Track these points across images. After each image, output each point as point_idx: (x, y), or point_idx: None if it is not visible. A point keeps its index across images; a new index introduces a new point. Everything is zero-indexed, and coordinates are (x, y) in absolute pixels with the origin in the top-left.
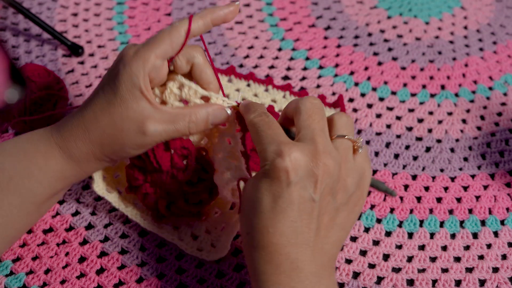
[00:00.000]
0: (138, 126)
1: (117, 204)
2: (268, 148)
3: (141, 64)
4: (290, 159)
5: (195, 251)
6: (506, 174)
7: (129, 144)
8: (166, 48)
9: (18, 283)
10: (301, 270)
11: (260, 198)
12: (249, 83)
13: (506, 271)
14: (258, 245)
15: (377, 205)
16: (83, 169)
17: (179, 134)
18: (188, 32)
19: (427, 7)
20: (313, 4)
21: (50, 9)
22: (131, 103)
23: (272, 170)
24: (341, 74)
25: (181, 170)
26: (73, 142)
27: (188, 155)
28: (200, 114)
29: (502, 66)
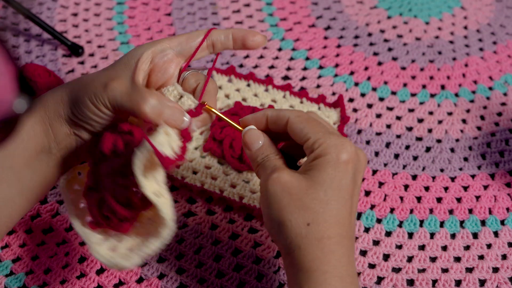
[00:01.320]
0: (106, 80)
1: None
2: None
3: (151, 43)
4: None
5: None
6: (506, 174)
7: (89, 92)
8: (181, 41)
9: (18, 283)
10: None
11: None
12: (249, 83)
13: (506, 271)
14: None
15: (377, 205)
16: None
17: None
18: (206, 34)
19: (427, 7)
20: (313, 4)
21: (50, 9)
22: (120, 67)
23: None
24: (341, 74)
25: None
26: (50, 92)
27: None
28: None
29: (502, 66)
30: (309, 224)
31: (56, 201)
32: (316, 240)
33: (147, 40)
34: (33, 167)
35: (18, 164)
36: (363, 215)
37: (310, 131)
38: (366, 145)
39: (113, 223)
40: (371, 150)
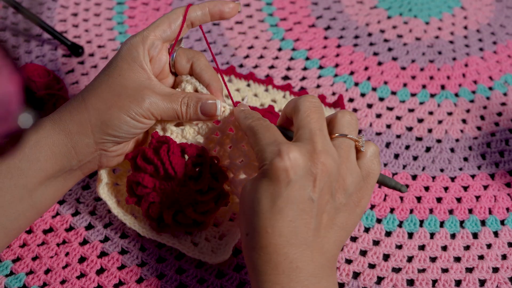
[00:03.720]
0: (135, 92)
1: (116, 211)
2: (266, 149)
3: (140, 40)
4: (289, 158)
5: (197, 253)
6: (506, 174)
7: (125, 110)
8: (164, 28)
9: (18, 283)
10: (300, 271)
11: (258, 198)
12: (249, 83)
13: (506, 271)
14: (257, 245)
15: (377, 205)
16: (73, 142)
17: (172, 112)
18: (185, 14)
19: (427, 7)
20: (313, 4)
21: (50, 9)
22: (130, 74)
23: (271, 170)
24: (341, 74)
25: (193, 179)
26: (67, 113)
27: (203, 164)
28: (192, 97)
29: (502, 66)
30: (247, 234)
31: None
32: (252, 249)
33: None
34: (47, 183)
35: (32, 183)
36: (363, 215)
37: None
38: None
39: (190, 228)
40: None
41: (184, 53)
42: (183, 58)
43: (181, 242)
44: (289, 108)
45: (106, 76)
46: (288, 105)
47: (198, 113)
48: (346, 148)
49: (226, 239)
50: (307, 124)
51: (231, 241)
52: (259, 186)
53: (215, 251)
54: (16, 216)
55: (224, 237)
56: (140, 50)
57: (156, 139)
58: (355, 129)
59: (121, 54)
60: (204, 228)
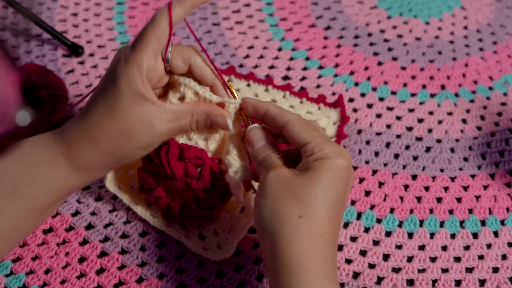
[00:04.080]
0: (145, 127)
1: (128, 201)
2: (328, 145)
3: (136, 69)
4: (348, 160)
5: (201, 249)
6: (506, 174)
7: (139, 146)
8: (154, 46)
9: (18, 283)
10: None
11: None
12: (249, 83)
13: (506, 271)
14: (314, 231)
15: (377, 205)
16: (90, 176)
17: (182, 131)
18: (170, 24)
19: (427, 7)
20: (313, 4)
21: (50, 9)
22: (135, 108)
23: (337, 165)
24: (341, 74)
25: (194, 179)
26: (79, 152)
27: (202, 165)
28: (201, 113)
29: (502, 66)
30: (301, 217)
31: None
32: (306, 234)
33: None
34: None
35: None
36: (363, 215)
37: (310, 136)
38: (366, 145)
39: (196, 221)
40: (371, 150)
41: (178, 53)
42: (178, 60)
43: (188, 235)
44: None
45: (108, 111)
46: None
47: (208, 127)
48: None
49: (232, 234)
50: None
51: (238, 236)
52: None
53: (221, 246)
54: (25, 232)
55: (232, 231)
56: (139, 81)
57: None
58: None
59: (120, 88)
60: (214, 221)
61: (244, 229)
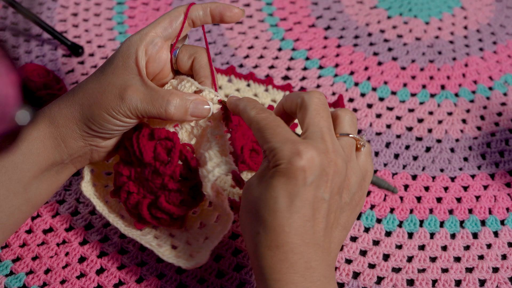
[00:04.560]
0: (119, 90)
1: (101, 209)
2: (282, 147)
3: (139, 37)
4: (307, 158)
5: (172, 257)
6: (506, 174)
7: (106, 107)
8: (165, 25)
9: (18, 283)
10: (314, 270)
11: (275, 197)
12: (249, 83)
13: (506, 271)
14: (272, 244)
15: (377, 205)
16: (62, 135)
17: (155, 111)
18: (187, 12)
19: (427, 7)
20: (313, 4)
21: (50, 9)
22: (122, 71)
23: (289, 169)
24: (341, 74)
25: (163, 164)
26: (56, 106)
27: (172, 148)
28: (181, 98)
29: (502, 66)
30: (258, 233)
31: (56, 201)
32: (266, 248)
33: None
34: (41, 177)
35: (26, 177)
36: (363, 215)
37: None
38: None
39: (167, 222)
40: (371, 150)
41: (186, 49)
42: (185, 54)
43: (160, 244)
44: (293, 104)
45: (100, 72)
46: (291, 100)
47: (187, 116)
48: (349, 148)
49: (206, 242)
50: (317, 123)
51: (211, 244)
52: (275, 185)
53: (193, 255)
54: (11, 211)
55: (206, 240)
56: (138, 47)
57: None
58: (356, 128)
59: (119, 51)
60: (181, 227)
61: (218, 237)
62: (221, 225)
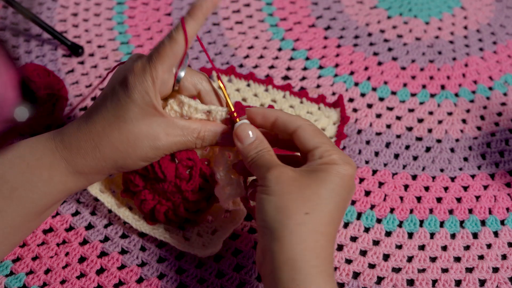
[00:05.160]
0: (152, 140)
1: (110, 205)
2: (337, 151)
3: (151, 82)
4: (355, 169)
5: (186, 246)
6: (506, 174)
7: (142, 158)
8: (171, 61)
9: (18, 283)
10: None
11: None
12: (249, 83)
13: (506, 271)
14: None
15: (377, 205)
16: (88, 180)
17: (186, 147)
18: (186, 41)
19: (427, 7)
20: (313, 4)
21: (50, 9)
22: (145, 120)
23: (345, 172)
24: (341, 74)
25: (184, 180)
26: (81, 157)
27: (193, 166)
28: (209, 132)
29: (502, 66)
30: (307, 214)
31: None
32: (311, 231)
33: (147, 40)
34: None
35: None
36: (363, 215)
37: (320, 141)
38: (366, 145)
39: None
40: (371, 150)
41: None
42: (189, 83)
43: (172, 236)
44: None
45: (117, 120)
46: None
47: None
48: None
49: (218, 234)
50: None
51: (222, 235)
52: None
53: (206, 245)
54: (24, 234)
55: (216, 232)
56: (152, 94)
57: None
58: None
59: (133, 99)
60: (196, 224)
61: (229, 229)
62: (232, 218)
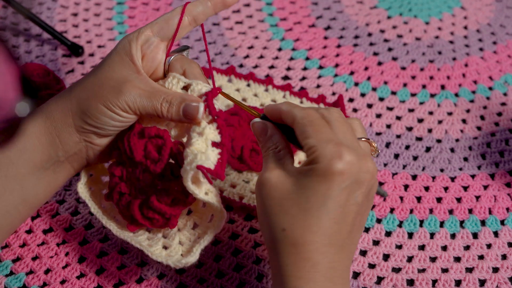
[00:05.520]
0: (117, 84)
1: (96, 211)
2: (324, 146)
3: (136, 34)
4: (348, 161)
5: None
6: (506, 174)
7: (103, 101)
8: (162, 25)
9: (18, 283)
10: (335, 271)
11: (307, 197)
12: (249, 83)
13: (506, 271)
14: (298, 242)
15: (377, 205)
16: (57, 130)
17: (151, 108)
18: (183, 11)
19: (427, 7)
20: (313, 4)
21: (50, 9)
22: (119, 67)
23: (327, 170)
24: (341, 74)
25: (154, 162)
26: (53, 102)
27: (162, 146)
28: (176, 96)
29: (502, 66)
30: (284, 230)
31: (56, 201)
32: (291, 245)
33: None
34: (37, 175)
35: (21, 174)
36: None
37: (311, 136)
38: None
39: (159, 222)
40: None
41: (181, 60)
42: (178, 63)
43: (151, 244)
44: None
45: (98, 68)
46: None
47: (180, 114)
48: (369, 152)
49: (198, 241)
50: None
51: (202, 244)
52: (310, 185)
53: (184, 254)
54: (8, 210)
55: (198, 239)
56: (134, 44)
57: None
58: (365, 133)
59: (116, 48)
60: (173, 225)
61: (210, 237)
62: (214, 225)
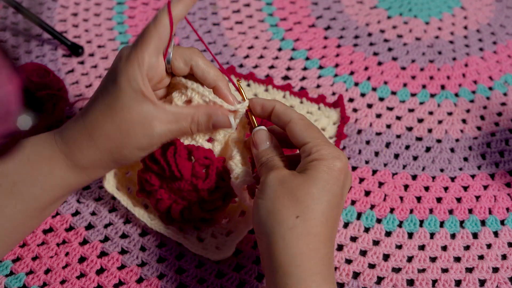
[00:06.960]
0: (144, 128)
1: (126, 203)
2: (327, 146)
3: (137, 66)
4: (345, 162)
5: (200, 249)
6: (506, 174)
7: (137, 146)
8: (156, 43)
9: (18, 283)
10: (332, 262)
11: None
12: (249, 83)
13: (506, 271)
14: (310, 231)
15: (377, 205)
16: (89, 176)
17: (182, 133)
18: (171, 21)
19: (427, 7)
20: (313, 4)
21: (50, 9)
22: (134, 107)
23: (332, 167)
24: (341, 74)
25: (201, 179)
26: (78, 150)
27: (210, 165)
28: (202, 115)
29: (502, 66)
30: (298, 217)
31: None
32: (302, 234)
33: None
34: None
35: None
36: (363, 215)
37: (310, 136)
38: (366, 145)
39: (196, 223)
40: (371, 150)
41: (180, 55)
42: (180, 61)
43: (186, 237)
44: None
45: (106, 107)
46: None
47: (210, 129)
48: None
49: (232, 236)
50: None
51: (236, 238)
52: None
53: (219, 247)
54: (25, 231)
55: (231, 234)
56: (139, 79)
57: None
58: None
59: (121, 86)
60: (212, 225)
61: (243, 232)
62: (246, 220)
